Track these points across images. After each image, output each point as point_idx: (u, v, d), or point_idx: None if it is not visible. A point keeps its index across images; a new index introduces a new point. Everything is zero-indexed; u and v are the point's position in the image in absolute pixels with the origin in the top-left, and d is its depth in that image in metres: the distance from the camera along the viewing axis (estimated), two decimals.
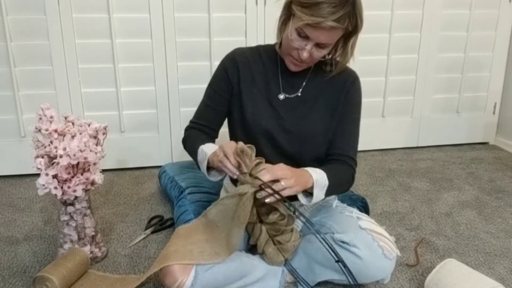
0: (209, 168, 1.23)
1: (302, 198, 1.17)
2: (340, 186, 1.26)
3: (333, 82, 1.28)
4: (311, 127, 1.27)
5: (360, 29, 1.16)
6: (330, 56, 1.25)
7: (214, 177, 1.25)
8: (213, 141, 1.35)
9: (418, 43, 2.27)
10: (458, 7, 2.26)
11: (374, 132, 2.37)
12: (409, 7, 2.20)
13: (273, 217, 1.19)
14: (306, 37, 1.13)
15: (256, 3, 2.02)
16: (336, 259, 1.06)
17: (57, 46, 1.91)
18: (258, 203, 1.17)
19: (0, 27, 1.84)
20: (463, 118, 2.47)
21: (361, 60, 2.21)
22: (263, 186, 1.07)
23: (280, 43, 1.25)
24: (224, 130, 1.39)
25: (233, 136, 1.36)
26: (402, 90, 2.35)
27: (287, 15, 1.18)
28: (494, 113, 2.50)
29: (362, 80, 1.32)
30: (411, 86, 2.35)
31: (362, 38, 1.23)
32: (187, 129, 1.38)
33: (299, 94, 1.29)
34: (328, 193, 1.18)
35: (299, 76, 1.28)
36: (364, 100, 1.34)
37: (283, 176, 1.07)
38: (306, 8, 1.09)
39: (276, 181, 1.07)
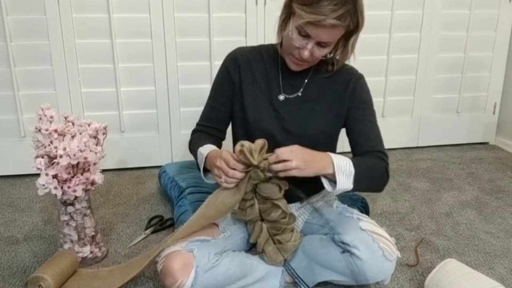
0: (206, 169, 1.23)
1: (327, 185, 1.13)
2: (372, 178, 1.19)
3: (335, 82, 1.28)
4: (311, 128, 1.26)
5: (361, 27, 1.16)
6: (331, 55, 1.24)
7: (211, 180, 1.24)
8: (219, 143, 1.36)
9: (418, 43, 2.27)
10: (458, 7, 2.26)
11: None
12: (409, 7, 2.20)
13: (274, 214, 1.19)
14: (307, 36, 1.13)
15: (256, 3, 2.02)
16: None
17: (57, 46, 1.91)
18: (260, 199, 1.17)
19: (0, 27, 1.84)
20: (463, 118, 2.47)
21: (361, 60, 2.18)
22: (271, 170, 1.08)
23: (281, 43, 1.25)
24: (229, 129, 1.39)
25: (235, 136, 1.36)
26: (402, 90, 2.34)
27: (288, 13, 1.18)
28: (494, 113, 2.50)
29: None
30: (411, 86, 2.35)
31: (362, 38, 1.22)
32: (193, 132, 1.38)
33: (300, 94, 1.28)
34: (358, 184, 1.13)
35: (299, 76, 1.28)
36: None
37: (291, 157, 1.06)
38: (307, 6, 1.08)
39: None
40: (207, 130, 1.35)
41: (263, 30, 2.05)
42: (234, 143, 1.34)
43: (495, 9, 2.31)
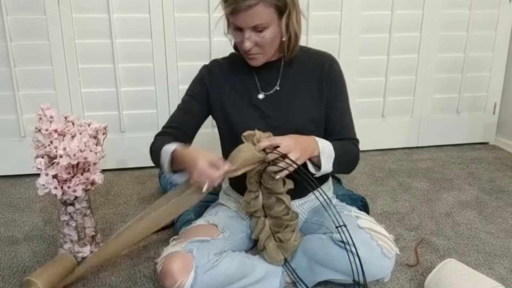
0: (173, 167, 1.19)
1: (311, 167, 1.18)
2: (347, 162, 1.27)
3: (309, 69, 1.29)
4: (297, 118, 1.27)
5: (290, 5, 1.16)
6: (283, 39, 1.21)
7: (182, 179, 1.19)
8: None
9: (418, 43, 2.27)
10: (458, 7, 2.26)
11: (374, 132, 2.36)
12: (409, 7, 2.20)
13: (278, 209, 1.20)
14: (239, 28, 1.16)
15: None
16: (338, 224, 1.07)
17: (57, 46, 1.91)
18: (265, 193, 1.18)
19: (0, 27, 1.84)
20: (463, 118, 2.47)
21: (361, 60, 2.21)
22: (276, 161, 1.09)
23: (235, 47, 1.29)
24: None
25: (224, 146, 1.37)
26: (402, 90, 2.34)
27: (226, 17, 1.22)
28: (494, 113, 2.50)
29: (362, 80, 1.33)
30: (411, 86, 2.35)
31: (363, 38, 1.23)
32: (157, 135, 1.32)
33: (278, 89, 1.29)
34: (336, 166, 1.19)
35: (273, 71, 1.29)
36: (364, 100, 1.35)
37: (287, 149, 1.09)
38: (224, 2, 1.15)
39: (284, 156, 1.08)
40: (171, 132, 1.30)
41: None
42: (224, 153, 1.33)
43: (495, 9, 2.31)
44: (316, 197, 1.32)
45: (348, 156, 1.26)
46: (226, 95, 1.31)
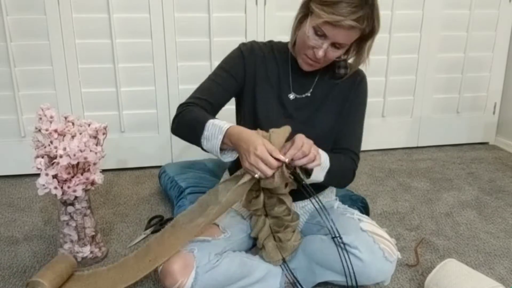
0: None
1: (301, 174, 1.16)
2: (341, 176, 1.26)
3: (343, 82, 1.29)
4: (318, 128, 1.27)
5: (376, 32, 1.18)
6: (344, 57, 1.25)
7: (229, 158, 1.15)
8: None
9: (418, 43, 2.27)
10: (458, 7, 2.26)
11: (374, 132, 2.37)
12: (409, 7, 2.20)
13: (279, 209, 1.20)
14: (323, 36, 1.13)
15: (256, 3, 2.02)
16: (333, 235, 1.07)
17: (57, 46, 1.91)
18: (267, 192, 1.18)
19: (0, 27, 1.84)
20: (463, 118, 2.47)
21: None
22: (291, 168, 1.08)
23: (294, 42, 1.25)
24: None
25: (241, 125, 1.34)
26: (402, 90, 2.34)
27: (305, 13, 1.18)
28: (494, 113, 2.50)
29: None
30: (411, 86, 2.35)
31: None
32: (185, 105, 1.22)
33: (309, 95, 1.29)
34: (328, 178, 1.18)
35: (309, 76, 1.28)
36: (367, 100, 1.34)
37: (310, 148, 1.08)
38: (326, 6, 1.09)
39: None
40: (201, 103, 1.21)
41: (263, 30, 2.05)
42: None
43: (495, 9, 2.31)
44: (313, 204, 1.32)
45: (343, 171, 1.25)
46: (260, 79, 1.28)
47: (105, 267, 1.31)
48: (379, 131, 2.38)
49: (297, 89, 1.29)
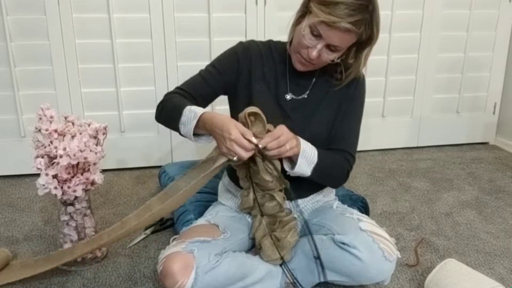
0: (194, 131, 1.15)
1: (286, 165, 1.17)
2: (331, 174, 1.25)
3: (340, 84, 1.28)
4: (315, 128, 1.27)
5: (375, 40, 1.17)
6: (338, 60, 1.22)
7: (202, 142, 1.17)
8: None
9: (418, 43, 2.27)
10: (458, 7, 2.26)
11: (374, 132, 2.37)
12: (409, 7, 2.20)
13: (269, 205, 1.20)
14: (318, 36, 1.13)
15: (256, 3, 2.02)
16: (315, 255, 1.08)
17: (57, 46, 1.91)
18: (257, 190, 1.20)
19: (0, 27, 1.84)
20: (463, 118, 2.47)
21: None
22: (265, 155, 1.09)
23: (291, 41, 1.25)
24: None
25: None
26: (402, 90, 2.34)
27: (304, 12, 1.18)
28: (494, 113, 2.50)
29: None
30: (411, 86, 2.35)
31: None
32: (169, 94, 1.27)
33: (306, 96, 1.29)
34: (316, 173, 1.18)
35: (306, 77, 1.28)
36: (365, 100, 1.34)
37: (287, 141, 1.09)
38: (324, 6, 1.09)
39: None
40: (185, 95, 1.25)
41: (263, 30, 2.05)
42: None
43: (495, 9, 2.31)
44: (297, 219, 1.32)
45: (334, 168, 1.24)
46: (256, 79, 1.28)
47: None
48: (379, 131, 2.38)
49: (294, 90, 1.29)
